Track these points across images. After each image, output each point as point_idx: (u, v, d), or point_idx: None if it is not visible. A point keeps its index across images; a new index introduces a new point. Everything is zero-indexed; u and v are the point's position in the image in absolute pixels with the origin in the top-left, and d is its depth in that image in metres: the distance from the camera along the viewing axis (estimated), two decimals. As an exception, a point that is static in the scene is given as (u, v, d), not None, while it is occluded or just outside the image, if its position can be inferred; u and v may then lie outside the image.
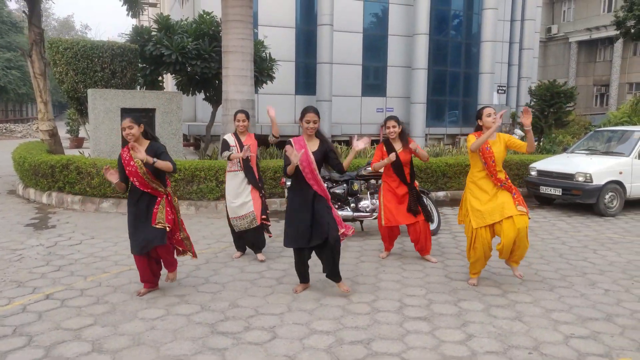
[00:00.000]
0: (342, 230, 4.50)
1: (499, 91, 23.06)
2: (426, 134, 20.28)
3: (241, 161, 5.59)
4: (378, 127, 19.75)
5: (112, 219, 7.78)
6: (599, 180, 8.35)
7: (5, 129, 31.64)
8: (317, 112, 4.50)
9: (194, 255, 4.85)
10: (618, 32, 18.04)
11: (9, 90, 37.31)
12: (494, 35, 20.72)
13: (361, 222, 7.06)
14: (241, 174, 5.62)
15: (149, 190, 4.40)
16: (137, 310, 4.22)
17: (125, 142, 4.44)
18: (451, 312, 4.23)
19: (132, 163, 4.34)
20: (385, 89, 20.19)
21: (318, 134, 4.60)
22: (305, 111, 4.47)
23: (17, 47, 12.14)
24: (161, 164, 4.24)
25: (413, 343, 3.67)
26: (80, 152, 12.16)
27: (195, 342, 3.65)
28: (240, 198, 5.60)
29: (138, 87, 11.97)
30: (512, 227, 4.63)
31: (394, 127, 5.59)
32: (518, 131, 18.43)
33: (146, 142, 4.43)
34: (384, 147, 5.73)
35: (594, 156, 9.03)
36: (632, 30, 17.35)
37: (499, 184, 4.79)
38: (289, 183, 6.83)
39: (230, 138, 5.71)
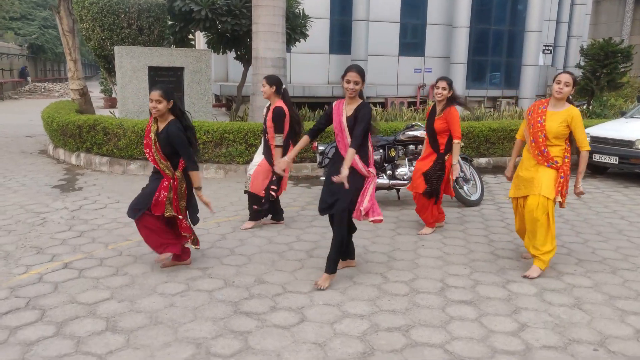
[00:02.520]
0: (365, 211, 3.87)
1: (545, 51, 21.64)
2: (466, 97, 19.15)
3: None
4: (415, 88, 18.92)
5: (139, 182, 7.53)
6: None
7: (44, 88, 32.04)
8: (360, 72, 3.90)
9: (197, 244, 4.37)
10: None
11: (46, 49, 37.69)
12: (543, -11, 19.27)
13: (398, 190, 6.59)
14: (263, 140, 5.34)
15: (157, 167, 4.10)
16: (156, 284, 3.94)
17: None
18: (500, 296, 3.78)
19: (150, 135, 4.04)
20: (423, 48, 19.19)
21: (361, 95, 4.06)
22: (347, 70, 3.93)
23: (50, 4, 11.82)
24: (194, 179, 4.06)
25: (458, 332, 3.26)
26: (110, 112, 11.98)
27: (216, 323, 3.33)
28: (255, 160, 5.39)
29: (167, 44, 11.58)
30: (534, 202, 4.15)
31: (443, 89, 5.05)
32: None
33: (169, 118, 4.04)
34: (430, 109, 5.28)
35: (649, 122, 8.20)
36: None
37: (545, 164, 4.20)
38: (321, 148, 6.42)
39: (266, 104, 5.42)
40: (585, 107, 15.14)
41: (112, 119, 8.55)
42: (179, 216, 4.11)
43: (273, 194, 5.24)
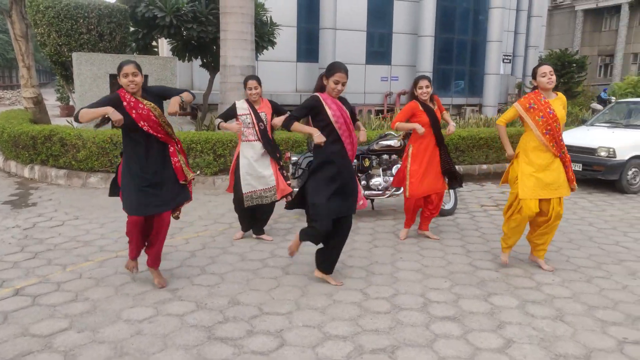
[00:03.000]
0: (360, 202, 4.12)
1: (504, 60, 22.17)
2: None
3: (258, 131, 5.01)
4: (382, 96, 18.99)
5: (99, 196, 7.16)
6: (622, 156, 7.74)
7: (-6, 97, 30.66)
8: (347, 72, 3.80)
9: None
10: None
11: (-4, 55, 36.15)
12: (503, 1, 19.73)
13: (372, 201, 6.46)
14: (258, 145, 5.04)
15: (160, 136, 3.78)
16: (121, 309, 3.64)
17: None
18: (483, 310, 3.67)
19: (141, 106, 3.67)
20: (390, 57, 19.33)
21: (340, 97, 3.98)
22: (334, 69, 3.76)
23: (1, 7, 11.25)
24: (186, 97, 3.87)
25: (445, 351, 3.12)
26: (68, 122, 11.44)
27: (188, 351, 3.08)
28: (258, 171, 5.04)
29: (130, 51, 11.17)
30: (556, 206, 4.28)
31: (427, 87, 4.99)
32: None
33: (140, 91, 3.79)
34: (420, 107, 5.09)
35: (617, 129, 8.40)
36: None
37: (559, 153, 4.25)
38: (294, 158, 6.23)
39: (242, 105, 5.10)
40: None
41: (70, 129, 8.12)
42: (193, 176, 4.07)
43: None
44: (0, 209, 6.47)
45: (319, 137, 3.75)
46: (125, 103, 3.68)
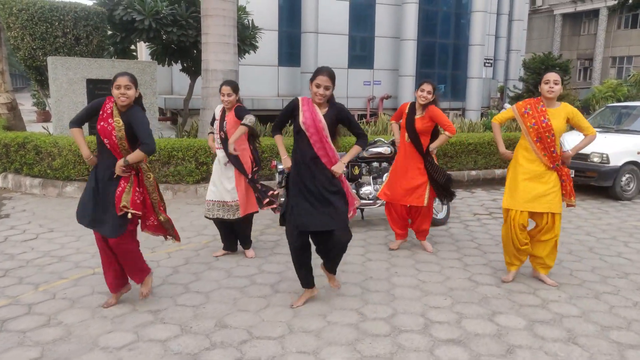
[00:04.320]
0: (350, 214, 3.78)
1: (486, 64, 22.28)
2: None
3: (222, 140, 4.72)
4: (365, 100, 18.86)
5: (76, 206, 6.79)
6: (616, 161, 7.67)
7: (-33, 101, 29.67)
8: (332, 76, 3.51)
9: (177, 239, 3.97)
10: (616, 1, 17.34)
11: (-30, 59, 35.05)
12: (484, 5, 19.81)
13: (362, 210, 6.24)
14: (221, 153, 4.76)
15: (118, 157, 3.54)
16: (98, 334, 3.34)
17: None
18: (489, 332, 3.46)
19: (110, 121, 3.45)
20: (372, 61, 19.23)
21: (331, 102, 3.69)
22: (316, 72, 3.52)
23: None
24: (132, 157, 3.46)
25: (451, 379, 2.90)
26: (44, 127, 11.01)
27: (173, 384, 2.81)
28: (221, 181, 4.74)
29: (107, 55, 10.78)
30: (543, 222, 4.13)
31: (429, 92, 4.76)
32: (507, 105, 17.78)
33: (129, 107, 3.55)
34: (407, 108, 4.98)
35: (609, 134, 8.32)
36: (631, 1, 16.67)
37: (552, 165, 4.08)
38: (280, 167, 5.97)
39: (218, 110, 4.85)
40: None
41: (45, 137, 7.74)
42: (139, 213, 3.56)
43: (274, 199, 4.80)
44: (-32, 222, 6.08)
45: (284, 162, 3.70)
46: (101, 112, 3.48)
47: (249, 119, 4.52)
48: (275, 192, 4.84)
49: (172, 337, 3.33)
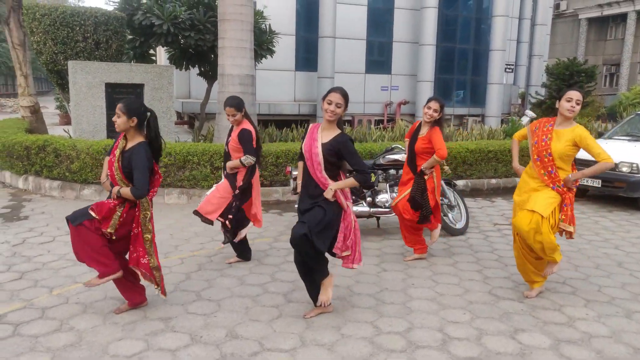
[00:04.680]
0: (344, 254, 3.62)
1: (507, 70, 21.92)
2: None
3: (224, 151, 4.81)
4: (382, 106, 18.72)
5: (92, 210, 6.83)
6: (646, 172, 7.41)
7: (-6, 104, 30.34)
8: (345, 96, 3.48)
9: (163, 293, 3.80)
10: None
11: (-1, 62, 35.89)
12: (506, 9, 19.50)
13: (378, 219, 6.13)
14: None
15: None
16: (108, 342, 3.30)
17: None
18: (511, 350, 3.32)
19: (114, 151, 3.56)
20: (390, 66, 19.05)
21: (339, 124, 3.63)
22: (329, 91, 3.51)
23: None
24: (123, 191, 3.49)
25: (469, 399, 2.78)
26: (65, 131, 11.14)
27: (181, 397, 2.75)
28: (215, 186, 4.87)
29: (126, 60, 10.87)
30: (526, 219, 3.86)
31: (435, 110, 4.72)
32: (529, 112, 17.47)
33: (137, 140, 3.54)
34: (415, 127, 5.05)
35: (638, 143, 8.04)
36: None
37: (551, 185, 3.92)
38: (295, 173, 5.90)
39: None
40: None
41: (64, 140, 7.81)
42: (96, 217, 3.45)
43: (228, 224, 4.66)
44: (-13, 224, 6.14)
45: (298, 187, 3.79)
46: (116, 142, 3.62)
47: (247, 160, 4.55)
48: (228, 224, 4.67)
49: (182, 347, 3.27)
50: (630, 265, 5.06)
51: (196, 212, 4.72)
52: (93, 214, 3.44)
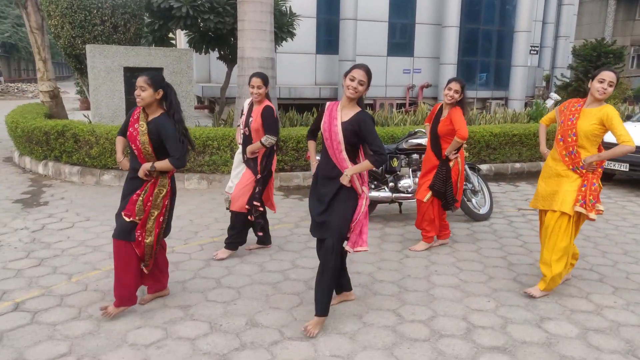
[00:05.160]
0: (347, 244, 3.36)
1: (531, 52, 21.30)
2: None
3: (244, 135, 4.57)
4: (404, 89, 18.41)
5: (113, 195, 6.83)
6: (677, 155, 7.10)
7: (17, 89, 30.79)
8: (368, 72, 3.27)
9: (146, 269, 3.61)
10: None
11: (20, 48, 36.37)
12: (532, -11, 18.91)
13: (400, 204, 6.00)
14: (240, 150, 4.66)
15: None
16: (127, 330, 3.27)
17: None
18: (537, 339, 3.20)
19: (136, 126, 3.39)
20: (412, 49, 18.68)
21: (360, 103, 3.44)
22: (353, 67, 3.31)
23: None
24: (160, 165, 3.36)
25: (497, 392, 2.67)
26: (85, 116, 11.20)
27: (200, 387, 2.69)
28: (234, 174, 4.72)
29: (145, 43, 10.82)
30: (552, 220, 3.74)
31: (456, 91, 4.56)
32: (554, 94, 16.97)
33: (158, 112, 3.39)
34: (437, 110, 4.85)
35: (668, 126, 7.74)
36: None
37: (571, 166, 3.74)
38: (317, 157, 5.79)
39: (246, 104, 4.64)
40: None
41: (83, 125, 7.81)
42: (131, 219, 3.37)
43: (259, 208, 4.60)
44: (10, 207, 6.18)
45: (313, 168, 3.57)
46: (131, 119, 3.46)
47: (268, 141, 4.41)
48: (259, 208, 4.59)
49: (201, 336, 3.21)
50: (664, 253, 4.86)
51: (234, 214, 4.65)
52: (128, 219, 3.36)
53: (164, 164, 3.34)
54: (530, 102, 19.72)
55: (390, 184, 5.75)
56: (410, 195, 5.71)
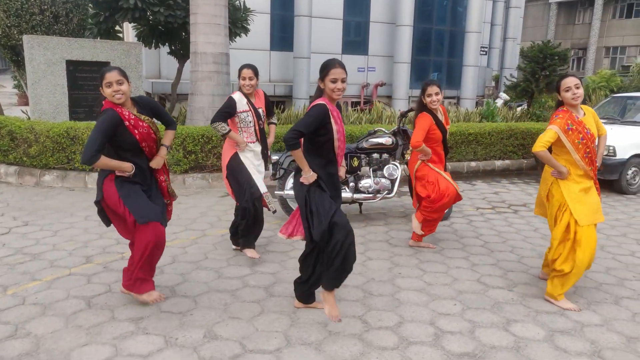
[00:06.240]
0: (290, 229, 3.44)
1: (481, 52, 21.86)
2: (409, 96, 19.04)
3: (257, 131, 4.40)
4: (359, 87, 18.42)
5: (55, 196, 6.38)
6: (622, 154, 7.38)
7: (-53, 83, 28.73)
8: (344, 68, 3.13)
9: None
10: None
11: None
12: (482, -10, 19.36)
13: (360, 204, 5.89)
14: (258, 147, 4.45)
15: (151, 155, 3.45)
16: (71, 348, 2.97)
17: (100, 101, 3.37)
18: (505, 344, 3.14)
19: (141, 123, 3.31)
20: (367, 47, 18.71)
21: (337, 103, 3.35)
22: (328, 66, 3.08)
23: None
24: (169, 140, 3.58)
25: (470, 402, 2.57)
26: (23, 112, 10.48)
27: (154, 411, 2.45)
28: (261, 174, 4.51)
29: (90, 35, 10.23)
30: (592, 237, 3.62)
31: (437, 94, 4.46)
32: (503, 94, 17.45)
33: (131, 103, 3.35)
34: (433, 121, 4.54)
35: (615, 126, 8.01)
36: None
37: (594, 174, 3.77)
38: (275, 157, 5.57)
39: (241, 100, 4.34)
40: (524, 108, 15.31)
41: (21, 122, 7.26)
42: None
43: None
44: None
45: (311, 177, 3.19)
46: (127, 123, 3.22)
47: (275, 117, 4.65)
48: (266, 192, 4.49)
49: (155, 351, 2.96)
50: (612, 249, 4.99)
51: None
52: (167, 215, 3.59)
53: (171, 136, 3.55)
54: (480, 101, 20.22)
55: (351, 184, 5.63)
56: (370, 195, 5.61)
